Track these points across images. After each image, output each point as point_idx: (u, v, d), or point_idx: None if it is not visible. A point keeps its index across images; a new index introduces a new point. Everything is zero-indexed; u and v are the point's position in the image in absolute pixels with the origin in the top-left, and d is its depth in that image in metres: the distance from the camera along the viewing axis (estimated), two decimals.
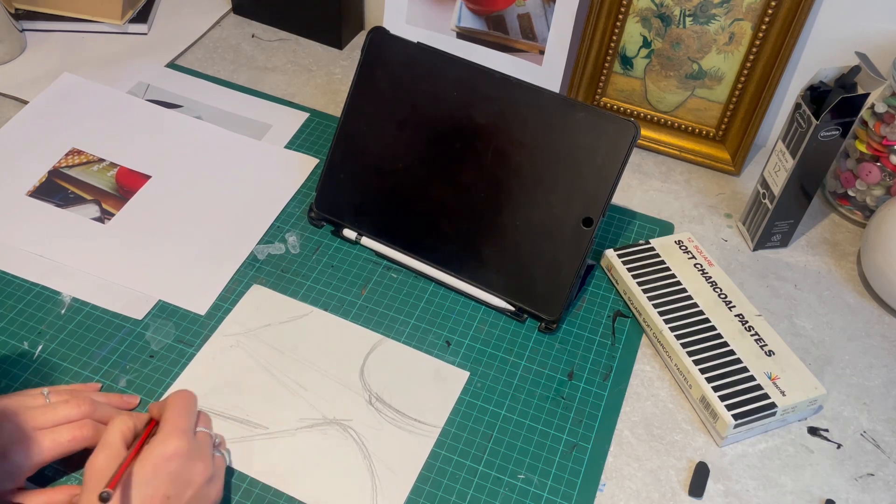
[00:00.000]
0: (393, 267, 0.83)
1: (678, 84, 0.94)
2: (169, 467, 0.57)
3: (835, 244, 0.89)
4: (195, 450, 0.59)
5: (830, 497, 0.68)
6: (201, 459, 0.59)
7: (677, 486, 0.68)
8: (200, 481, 0.59)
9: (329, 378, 0.73)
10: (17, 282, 0.79)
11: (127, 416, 0.61)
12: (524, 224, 0.78)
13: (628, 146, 0.74)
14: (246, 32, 1.12)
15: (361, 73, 0.82)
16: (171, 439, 0.58)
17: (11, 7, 1.06)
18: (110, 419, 0.62)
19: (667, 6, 0.90)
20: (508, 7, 0.95)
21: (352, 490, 0.66)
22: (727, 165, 0.96)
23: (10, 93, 0.99)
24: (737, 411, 0.69)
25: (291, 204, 0.88)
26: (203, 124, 0.96)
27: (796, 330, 0.80)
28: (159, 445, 0.58)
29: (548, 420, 0.72)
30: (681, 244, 0.83)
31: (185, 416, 0.60)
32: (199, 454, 0.60)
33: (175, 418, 0.60)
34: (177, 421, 0.60)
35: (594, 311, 0.81)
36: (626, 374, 0.76)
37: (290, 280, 0.81)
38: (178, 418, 0.60)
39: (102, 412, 0.64)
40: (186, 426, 0.60)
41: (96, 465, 0.57)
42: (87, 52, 1.06)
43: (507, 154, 0.78)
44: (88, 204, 0.86)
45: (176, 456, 0.57)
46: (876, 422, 0.74)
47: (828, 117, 0.75)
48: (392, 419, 0.71)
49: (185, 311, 0.77)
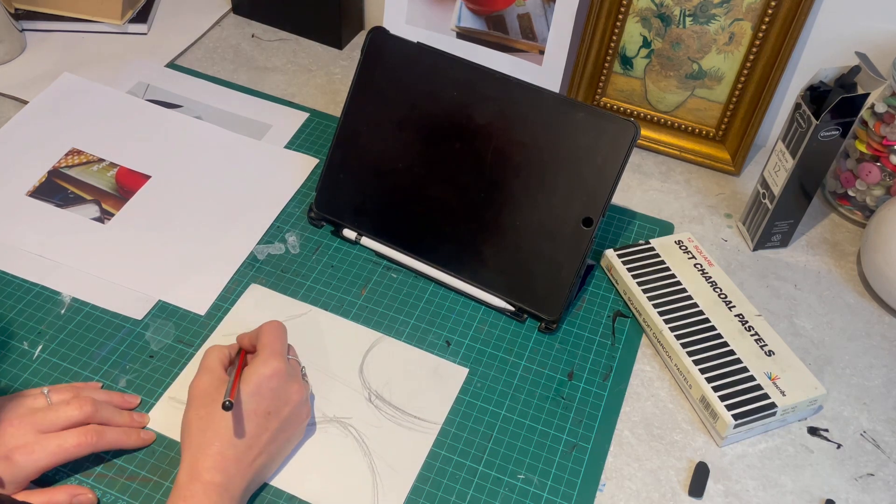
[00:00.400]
0: (393, 267, 0.83)
1: (678, 84, 0.94)
2: (270, 384, 0.62)
3: (835, 244, 0.89)
4: (291, 372, 0.65)
5: (830, 497, 0.68)
6: (296, 381, 0.65)
7: (677, 486, 0.68)
8: (297, 400, 0.64)
9: (328, 376, 0.73)
10: (17, 282, 0.79)
11: (220, 346, 0.67)
12: (524, 224, 0.78)
13: (628, 146, 0.74)
14: (246, 32, 1.12)
15: (361, 73, 0.82)
16: (271, 360, 0.63)
17: (11, 7, 1.06)
18: (112, 419, 0.65)
19: (667, 6, 0.90)
20: (508, 7, 0.95)
21: (353, 488, 0.66)
22: (727, 165, 0.96)
23: (10, 93, 0.99)
24: (737, 411, 0.69)
25: (291, 204, 0.88)
26: (203, 124, 0.96)
27: (796, 330, 0.80)
28: (261, 366, 0.63)
29: (548, 420, 0.72)
30: (681, 244, 0.83)
31: (280, 342, 0.66)
32: (294, 376, 0.65)
33: (273, 342, 0.65)
34: (274, 345, 0.65)
35: (594, 311, 0.80)
36: (626, 374, 0.76)
37: (289, 280, 0.81)
38: (275, 342, 0.65)
39: (104, 413, 0.65)
40: (282, 350, 0.65)
41: (201, 386, 0.63)
42: (87, 52, 1.06)
43: (507, 154, 0.78)
44: (88, 204, 0.86)
45: (275, 375, 0.63)
46: (876, 422, 0.74)
47: (828, 117, 0.75)
48: (392, 416, 0.71)
49: (184, 311, 0.77)
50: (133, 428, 0.66)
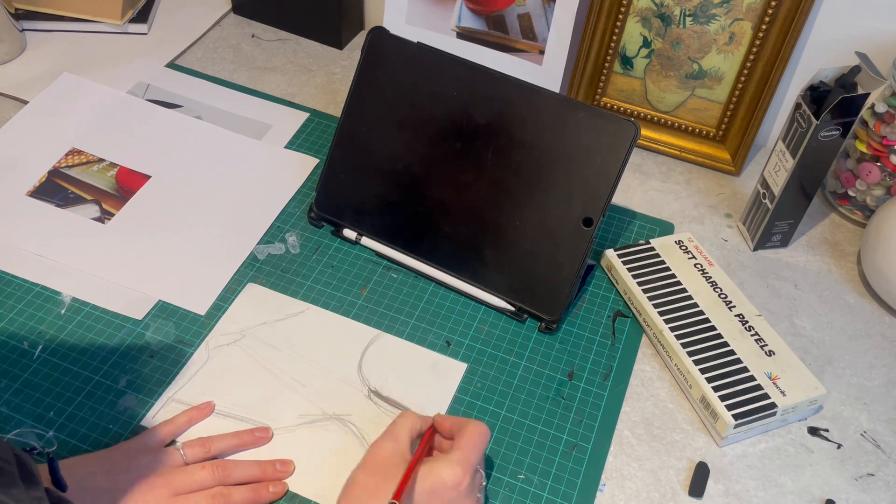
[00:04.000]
0: (393, 267, 0.83)
1: (678, 84, 0.94)
2: (446, 495, 0.58)
3: (835, 244, 0.89)
4: (471, 487, 0.60)
5: (830, 497, 0.68)
6: (471, 499, 0.60)
7: (677, 486, 0.68)
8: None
9: (327, 374, 0.73)
10: (17, 282, 0.79)
11: (415, 416, 0.63)
12: (524, 224, 0.78)
13: (628, 146, 0.74)
14: (246, 32, 1.12)
15: (361, 73, 0.82)
16: (458, 469, 0.59)
17: (11, 7, 1.06)
18: (244, 477, 0.65)
19: (667, 6, 0.90)
20: (508, 7, 0.95)
21: None
22: (727, 165, 0.96)
23: (10, 93, 0.99)
24: (737, 411, 0.69)
25: (291, 204, 0.88)
26: (203, 124, 0.96)
27: (796, 330, 0.80)
28: (446, 470, 0.59)
29: (548, 420, 0.72)
30: (681, 244, 0.83)
31: (477, 452, 0.61)
32: (472, 493, 0.60)
33: (469, 450, 0.60)
34: (469, 454, 0.60)
35: (594, 311, 0.80)
36: (626, 374, 0.76)
37: (289, 280, 0.81)
38: (472, 451, 0.60)
39: (236, 474, 0.65)
40: (475, 462, 0.60)
41: (382, 453, 0.60)
42: (87, 52, 1.06)
43: (507, 154, 0.78)
44: (88, 204, 0.86)
45: (456, 487, 0.58)
46: (876, 422, 0.74)
47: (828, 117, 0.75)
48: (391, 413, 0.71)
49: (184, 311, 0.77)
50: (263, 482, 0.65)
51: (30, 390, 0.70)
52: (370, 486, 0.58)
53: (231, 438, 0.67)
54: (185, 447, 0.65)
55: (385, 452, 0.60)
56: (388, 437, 0.61)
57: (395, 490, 0.56)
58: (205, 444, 0.66)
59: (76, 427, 0.68)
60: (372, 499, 0.57)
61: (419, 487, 0.58)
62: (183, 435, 0.68)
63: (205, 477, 0.63)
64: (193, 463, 0.64)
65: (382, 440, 0.61)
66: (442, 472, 0.58)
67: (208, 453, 0.65)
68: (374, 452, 0.60)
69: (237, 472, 0.65)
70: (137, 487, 0.61)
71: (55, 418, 0.69)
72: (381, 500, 0.57)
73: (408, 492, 0.57)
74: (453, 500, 0.58)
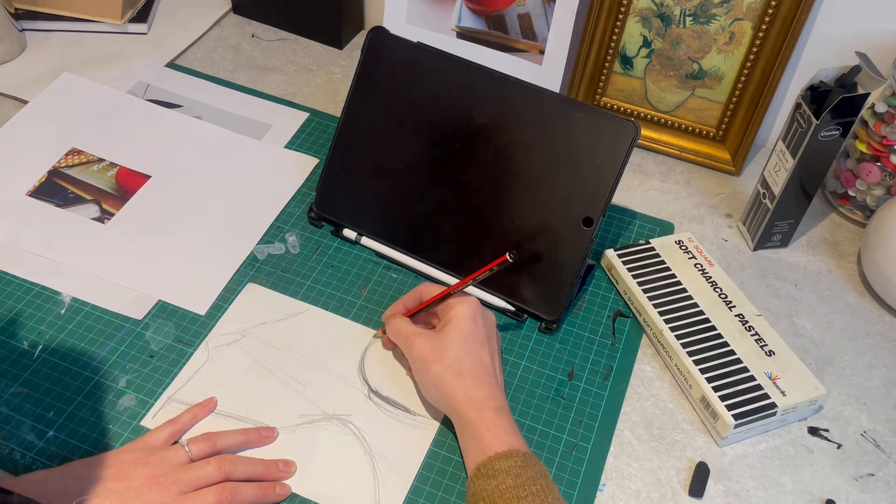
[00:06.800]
0: (393, 267, 0.83)
1: (678, 84, 0.94)
2: (478, 319, 0.69)
3: (835, 244, 0.89)
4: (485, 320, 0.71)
5: (830, 497, 0.68)
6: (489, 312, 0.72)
7: (677, 486, 0.68)
8: (494, 322, 0.73)
9: (327, 374, 0.73)
10: (17, 282, 0.79)
11: (397, 316, 0.73)
12: (524, 224, 0.78)
13: (628, 146, 0.74)
14: (246, 32, 1.12)
15: (361, 73, 0.82)
16: (466, 302, 0.71)
17: (11, 7, 1.06)
18: (251, 474, 0.65)
19: (667, 6, 0.90)
20: (508, 7, 0.95)
21: (354, 485, 0.66)
22: (727, 165, 0.96)
23: (10, 93, 0.99)
24: (737, 411, 0.69)
25: (291, 204, 0.88)
26: (203, 124, 0.96)
27: (796, 330, 0.80)
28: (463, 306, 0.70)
29: (548, 420, 0.72)
30: (681, 244, 0.83)
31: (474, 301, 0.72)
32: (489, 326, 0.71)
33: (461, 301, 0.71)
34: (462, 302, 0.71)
35: (594, 311, 0.80)
36: (627, 374, 0.76)
37: (289, 280, 0.81)
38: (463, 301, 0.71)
39: (243, 470, 0.65)
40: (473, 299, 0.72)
41: (425, 347, 0.68)
42: (87, 52, 1.06)
43: (507, 154, 0.78)
44: (88, 204, 0.86)
45: (476, 312, 0.70)
46: (876, 422, 0.74)
47: (828, 117, 0.75)
48: (391, 413, 0.71)
49: (184, 311, 0.77)
50: (270, 482, 0.65)
51: (30, 390, 0.70)
52: (451, 364, 0.66)
53: (238, 434, 0.67)
54: (190, 443, 0.65)
55: (425, 345, 0.68)
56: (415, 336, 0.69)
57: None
58: (211, 438, 0.66)
59: (76, 427, 0.68)
60: (461, 370, 0.66)
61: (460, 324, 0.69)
62: (186, 434, 0.68)
63: (211, 472, 0.63)
64: (199, 459, 0.65)
65: (414, 340, 0.69)
66: (461, 311, 0.69)
67: (214, 447, 0.66)
68: (420, 350, 0.68)
69: (242, 468, 0.65)
70: (146, 487, 0.61)
71: (55, 418, 0.69)
72: (470, 365, 0.66)
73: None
74: (486, 315, 0.71)
